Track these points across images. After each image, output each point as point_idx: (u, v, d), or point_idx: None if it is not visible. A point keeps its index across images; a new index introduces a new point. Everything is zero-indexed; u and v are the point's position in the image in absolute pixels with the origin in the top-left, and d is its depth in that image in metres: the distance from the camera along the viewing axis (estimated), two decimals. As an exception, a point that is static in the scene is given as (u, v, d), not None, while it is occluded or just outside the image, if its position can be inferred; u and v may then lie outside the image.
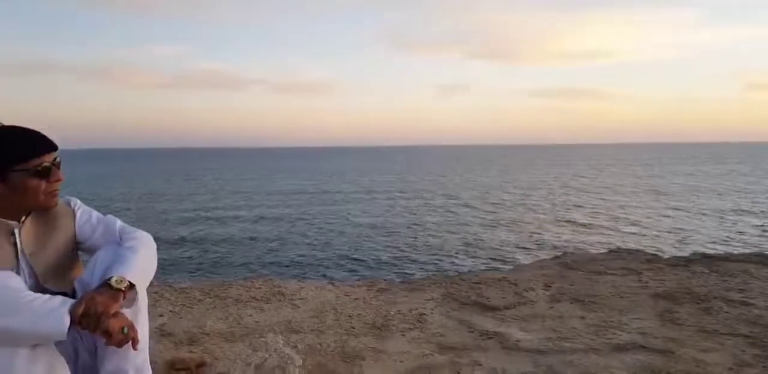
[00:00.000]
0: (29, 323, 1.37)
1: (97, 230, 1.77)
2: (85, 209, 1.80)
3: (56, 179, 1.61)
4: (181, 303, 3.06)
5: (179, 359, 2.20)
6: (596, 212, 23.47)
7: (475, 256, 15.15)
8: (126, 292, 1.53)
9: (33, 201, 1.59)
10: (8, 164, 1.53)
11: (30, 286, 1.51)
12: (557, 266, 3.66)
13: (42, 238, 1.68)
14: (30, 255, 1.63)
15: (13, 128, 1.58)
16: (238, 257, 15.54)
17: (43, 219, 1.69)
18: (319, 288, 3.46)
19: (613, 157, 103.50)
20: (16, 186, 1.54)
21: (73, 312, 1.41)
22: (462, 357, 2.36)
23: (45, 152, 1.58)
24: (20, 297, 1.39)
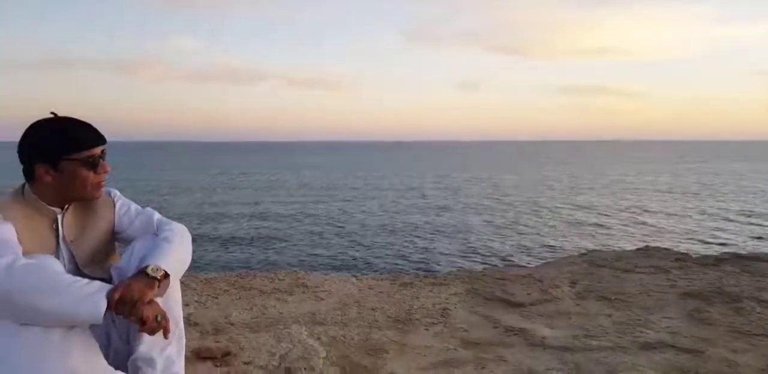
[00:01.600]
0: (68, 305, 1.40)
1: (135, 221, 1.81)
2: (125, 201, 1.85)
3: (104, 170, 1.67)
4: (207, 293, 3.08)
5: (205, 348, 2.22)
6: (621, 210, 23.16)
7: (499, 252, 15.05)
8: (161, 281, 1.56)
9: (80, 191, 1.64)
10: (61, 153, 1.58)
11: (69, 271, 1.55)
12: (584, 264, 3.62)
13: (83, 226, 1.72)
14: (71, 242, 1.68)
15: (66, 119, 1.64)
16: (261, 249, 15.68)
17: (84, 208, 1.74)
18: (342, 280, 3.47)
19: (634, 154, 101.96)
20: (66, 175, 1.60)
21: (109, 297, 1.45)
22: (487, 352, 2.34)
23: (95, 144, 1.64)
24: (61, 279, 1.43)
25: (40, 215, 1.65)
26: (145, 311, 1.48)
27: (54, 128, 1.61)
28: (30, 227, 1.60)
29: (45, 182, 1.61)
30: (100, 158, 1.65)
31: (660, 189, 32.34)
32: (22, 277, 1.40)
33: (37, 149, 1.60)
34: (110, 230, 1.80)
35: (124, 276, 1.60)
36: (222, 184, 38.26)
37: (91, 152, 1.62)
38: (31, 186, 1.64)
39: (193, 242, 1.85)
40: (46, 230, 1.65)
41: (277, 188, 35.01)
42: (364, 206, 25.26)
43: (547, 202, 26.42)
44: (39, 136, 1.61)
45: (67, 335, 1.46)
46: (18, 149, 1.61)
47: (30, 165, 1.61)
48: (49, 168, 1.59)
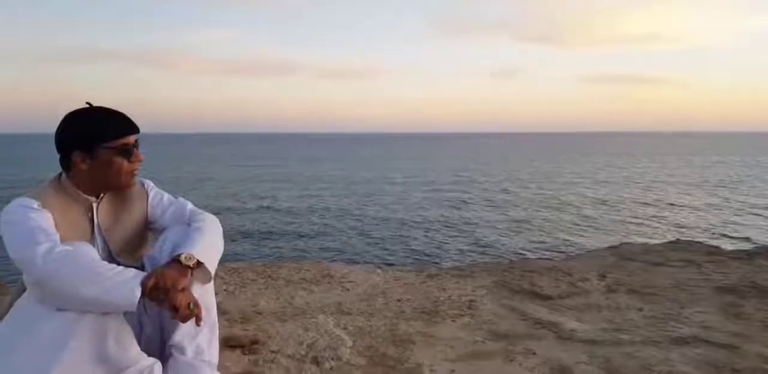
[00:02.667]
0: (103, 291, 1.43)
1: (168, 211, 1.84)
2: (158, 191, 1.87)
3: (137, 159, 1.70)
4: (235, 282, 3.11)
5: (234, 336, 2.24)
6: (652, 203, 22.78)
7: (526, 245, 14.93)
8: (193, 269, 1.58)
9: (115, 179, 1.67)
10: (97, 141, 1.61)
11: (103, 259, 1.57)
12: (613, 257, 3.56)
13: (117, 215, 1.75)
14: (106, 231, 1.71)
15: (101, 108, 1.67)
16: (287, 239, 15.81)
17: (119, 198, 1.76)
18: (368, 272, 3.47)
19: (671, 146, 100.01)
20: (102, 163, 1.63)
21: (144, 284, 1.47)
22: (515, 345, 2.31)
23: (129, 132, 1.67)
24: (97, 266, 1.47)
25: (77, 204, 1.67)
26: (177, 298, 1.50)
27: (90, 117, 1.64)
28: (67, 215, 1.63)
29: (81, 171, 1.64)
30: (134, 146, 1.68)
31: (693, 182, 31.74)
32: (59, 264, 1.43)
33: (73, 137, 1.63)
34: (143, 220, 1.83)
35: (157, 265, 1.62)
36: (249, 175, 38.60)
37: (125, 140, 1.65)
38: (68, 175, 1.68)
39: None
40: (82, 219, 1.68)
41: (301, 180, 35.19)
42: (389, 199, 25.26)
43: (575, 194, 26.12)
44: (75, 125, 1.64)
45: (102, 321, 1.49)
46: (55, 138, 1.64)
47: (66, 154, 1.64)
48: (85, 156, 1.62)
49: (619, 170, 41.80)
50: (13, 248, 1.48)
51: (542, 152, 76.34)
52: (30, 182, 29.56)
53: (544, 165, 48.60)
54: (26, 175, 35.53)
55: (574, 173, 38.79)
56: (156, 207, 1.84)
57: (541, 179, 34.31)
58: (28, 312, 1.49)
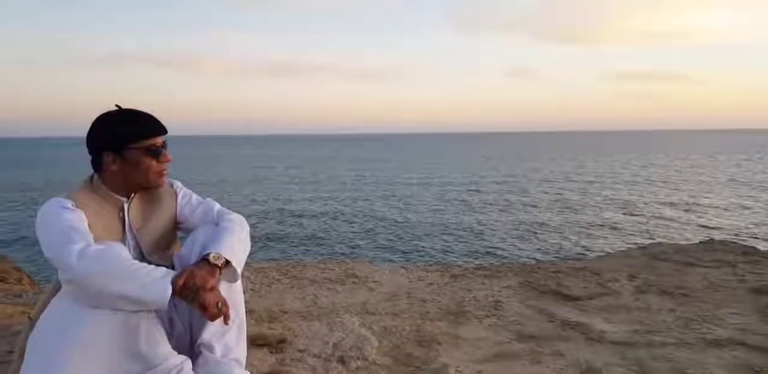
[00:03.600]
0: (135, 289, 1.45)
1: (196, 211, 1.86)
2: (186, 191, 1.90)
3: (165, 159, 1.72)
4: (260, 281, 3.12)
5: (261, 335, 2.24)
6: (679, 203, 22.38)
7: (553, 245, 14.77)
8: (222, 268, 1.60)
9: (144, 179, 1.70)
10: (126, 142, 1.65)
11: (134, 258, 1.59)
12: (643, 257, 3.48)
13: (147, 215, 1.78)
14: (136, 230, 1.74)
15: (130, 110, 1.70)
16: (311, 239, 15.89)
17: (148, 198, 1.79)
18: (392, 271, 3.45)
19: (698, 144, 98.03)
20: (131, 163, 1.66)
21: (174, 283, 1.49)
22: (542, 346, 2.28)
23: (157, 133, 1.70)
24: (129, 265, 1.49)
25: (108, 204, 1.70)
26: (207, 297, 1.52)
27: (119, 118, 1.68)
28: (99, 215, 1.66)
29: (111, 171, 1.68)
30: (162, 147, 1.71)
31: (720, 181, 31.08)
32: (93, 262, 1.45)
33: (103, 138, 1.67)
34: (173, 220, 1.85)
35: (186, 264, 1.64)
36: (270, 177, 38.90)
37: (153, 140, 1.68)
38: (100, 176, 1.71)
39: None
40: (113, 218, 1.71)
41: (322, 181, 35.34)
42: (410, 200, 25.23)
43: (599, 195, 25.77)
44: (105, 126, 1.67)
45: (134, 318, 1.51)
46: (86, 139, 1.68)
47: (97, 155, 1.68)
48: (116, 157, 1.66)
49: (643, 169, 41.18)
50: (49, 247, 1.51)
51: (562, 151, 75.52)
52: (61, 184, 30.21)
53: (565, 164, 48.10)
54: (56, 178, 36.34)
55: (595, 172, 38.30)
56: (185, 207, 1.87)
57: (561, 179, 33.95)
58: (63, 309, 1.51)
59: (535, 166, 46.02)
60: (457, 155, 68.92)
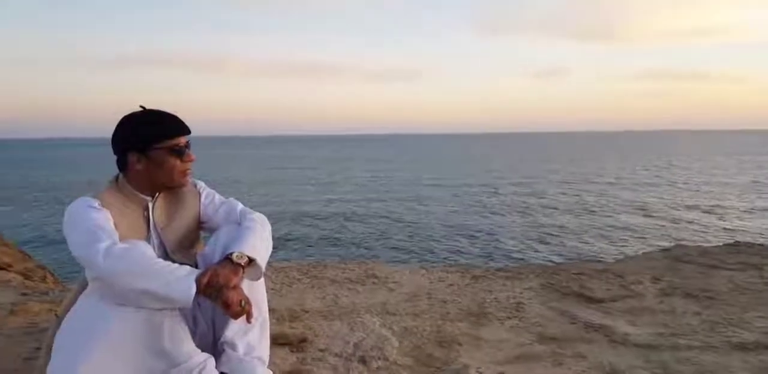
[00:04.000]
0: (160, 287, 1.47)
1: (220, 210, 1.88)
2: (210, 191, 1.92)
3: (189, 159, 1.75)
4: (281, 281, 3.14)
5: (282, 334, 2.26)
6: (704, 205, 22.02)
7: (574, 247, 14.63)
8: (245, 267, 1.61)
9: (168, 178, 1.73)
10: (150, 142, 1.67)
11: (159, 256, 1.61)
12: (666, 259, 3.43)
13: (171, 214, 1.80)
14: (161, 229, 1.77)
15: (154, 111, 1.73)
16: (328, 240, 15.95)
17: (173, 198, 1.82)
18: (412, 272, 3.45)
19: (729, 145, 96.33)
20: (155, 162, 1.69)
21: (198, 281, 1.51)
22: (564, 348, 2.26)
23: (181, 133, 1.72)
24: (153, 263, 1.51)
25: (133, 203, 1.73)
26: (230, 296, 1.54)
27: (143, 119, 1.70)
28: (124, 214, 1.68)
29: (136, 171, 1.70)
30: (186, 147, 1.73)
31: (744, 183, 30.52)
32: (118, 261, 1.48)
33: (128, 139, 1.69)
34: (196, 219, 1.87)
35: (210, 263, 1.66)
36: (290, 177, 39.09)
37: (176, 141, 1.70)
38: (125, 175, 1.74)
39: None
40: (138, 218, 1.73)
41: (343, 182, 35.42)
42: (432, 201, 25.17)
43: (622, 196, 25.48)
44: (130, 127, 1.70)
45: (158, 316, 1.53)
46: (111, 140, 1.71)
47: (122, 155, 1.70)
48: (140, 156, 1.68)
49: (664, 170, 40.61)
50: (76, 246, 1.54)
51: (582, 152, 74.77)
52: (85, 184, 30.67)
53: (586, 165, 47.62)
54: (82, 178, 36.91)
55: (616, 174, 37.85)
56: (208, 207, 1.89)
57: (581, 180, 33.62)
58: (89, 307, 1.54)
59: (555, 167, 45.64)
60: (477, 156, 68.62)
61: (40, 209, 23.45)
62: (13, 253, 8.45)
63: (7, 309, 2.66)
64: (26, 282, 3.35)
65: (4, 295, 2.93)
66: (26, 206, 24.27)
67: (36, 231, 17.96)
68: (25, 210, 23.09)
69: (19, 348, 2.22)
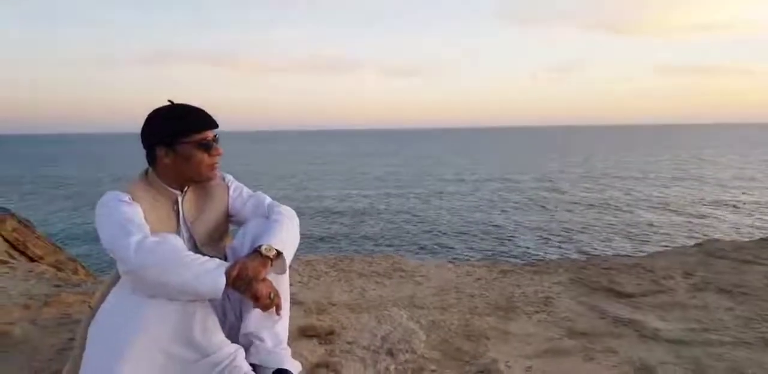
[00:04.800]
0: (190, 280, 1.49)
1: (248, 203, 1.90)
2: (238, 185, 1.94)
3: (216, 153, 1.76)
4: (308, 274, 3.16)
5: (311, 326, 2.27)
6: (732, 200, 21.57)
7: (604, 241, 14.45)
8: (273, 260, 1.63)
9: (196, 172, 1.74)
10: (177, 136, 1.69)
11: (188, 249, 1.63)
12: (699, 254, 3.37)
13: (200, 208, 1.82)
14: (190, 223, 1.79)
15: (182, 105, 1.74)
16: (355, 234, 16.01)
17: (201, 191, 1.84)
18: (439, 266, 3.44)
19: (755, 139, 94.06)
20: (183, 157, 1.70)
21: (227, 274, 1.53)
22: (594, 343, 2.23)
23: (208, 128, 1.73)
24: (184, 256, 1.53)
25: (163, 197, 1.75)
26: (259, 288, 1.56)
27: (171, 113, 1.71)
28: (154, 207, 1.70)
29: (164, 165, 1.72)
30: (213, 141, 1.74)
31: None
32: (149, 254, 1.49)
33: (156, 133, 1.71)
34: (225, 212, 1.89)
35: (239, 255, 1.68)
36: (314, 172, 39.25)
37: (203, 135, 1.71)
38: (154, 170, 1.75)
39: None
40: (168, 211, 1.75)
41: (366, 177, 35.45)
42: (456, 196, 25.08)
43: (647, 191, 25.08)
44: (157, 121, 1.71)
45: (189, 308, 1.55)
46: (140, 134, 1.72)
47: (151, 149, 1.72)
48: (168, 151, 1.69)
49: (688, 164, 39.82)
50: (107, 239, 1.56)
51: (605, 147, 73.63)
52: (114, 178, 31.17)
53: (609, 160, 46.90)
54: (105, 172, 37.57)
55: (640, 169, 37.22)
56: (236, 200, 1.91)
57: (605, 175, 33.14)
58: (122, 299, 1.56)
59: (578, 162, 45.09)
60: (497, 151, 68.09)
61: (71, 202, 23.96)
62: (45, 245, 8.65)
63: (41, 300, 2.72)
64: (59, 273, 3.42)
65: (37, 287, 3.00)
66: (59, 200, 24.82)
67: (66, 225, 18.37)
68: (56, 204, 23.62)
69: (53, 338, 2.27)
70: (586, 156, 52.46)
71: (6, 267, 3.44)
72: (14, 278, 3.17)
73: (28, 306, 2.64)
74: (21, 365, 2.03)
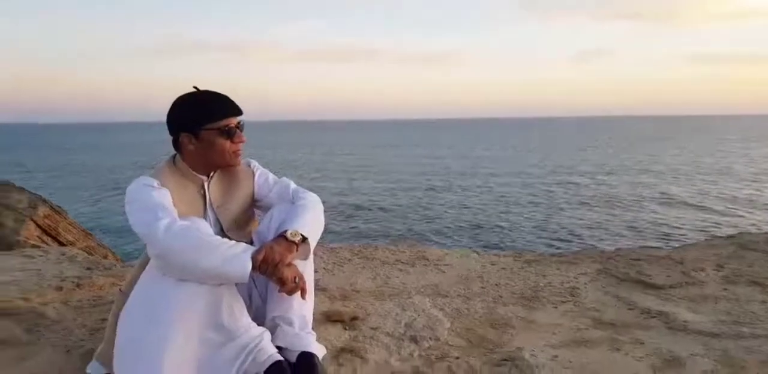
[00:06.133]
0: (218, 263, 1.51)
1: (273, 189, 1.91)
2: (263, 171, 1.95)
3: (240, 140, 1.76)
4: (333, 261, 3.18)
5: (335, 311, 2.28)
6: (761, 193, 21.05)
7: (633, 233, 14.25)
8: (299, 245, 1.63)
9: (220, 158, 1.75)
10: (200, 123, 1.70)
11: (215, 234, 1.65)
12: (731, 246, 3.29)
13: (227, 193, 1.84)
14: (217, 208, 1.81)
15: (206, 92, 1.75)
16: (381, 222, 16.06)
17: (227, 177, 1.85)
18: (463, 255, 3.42)
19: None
20: (206, 143, 1.71)
21: (254, 258, 1.54)
22: (621, 334, 2.20)
23: (231, 114, 1.74)
24: (211, 240, 1.55)
25: (190, 182, 1.77)
26: (285, 272, 1.57)
27: (194, 100, 1.72)
28: (181, 192, 1.72)
29: (189, 151, 1.74)
30: (237, 128, 1.74)
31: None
32: (178, 237, 1.51)
33: (179, 120, 1.73)
34: (251, 198, 1.91)
35: (264, 240, 1.69)
36: (334, 162, 39.37)
37: (226, 122, 1.72)
38: (180, 156, 1.77)
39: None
40: (195, 196, 1.77)
41: (386, 168, 35.43)
42: (478, 186, 24.94)
43: (681, 182, 24.61)
44: (182, 108, 1.73)
45: (217, 292, 1.57)
46: (166, 121, 1.74)
47: (176, 135, 1.73)
48: (192, 137, 1.71)
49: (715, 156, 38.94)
50: (137, 223, 1.58)
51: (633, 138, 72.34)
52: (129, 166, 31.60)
53: (638, 151, 46.09)
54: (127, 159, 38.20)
55: (669, 161, 36.48)
56: (262, 186, 1.92)
57: (632, 167, 32.57)
58: (152, 282, 1.59)
59: (606, 153, 44.42)
60: (524, 142, 67.41)
61: (102, 190, 24.43)
62: (76, 232, 8.84)
63: (73, 282, 2.78)
64: (90, 257, 3.49)
65: (70, 269, 3.07)
66: (86, 189, 25.32)
67: (96, 212, 18.74)
68: (84, 192, 24.10)
69: (85, 319, 2.32)
70: (618, 149, 51.63)
71: (40, 251, 3.52)
72: (47, 261, 3.24)
73: (61, 287, 2.70)
74: (54, 344, 2.08)
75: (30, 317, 2.30)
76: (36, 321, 2.27)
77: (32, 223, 8.07)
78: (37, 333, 2.17)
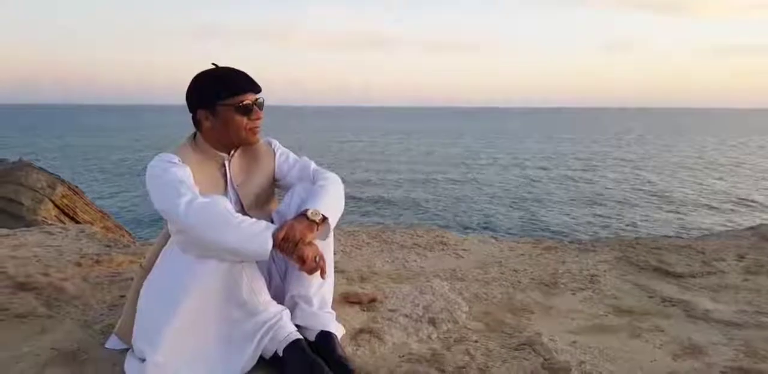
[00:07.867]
0: (238, 240, 1.50)
1: (294, 169, 1.90)
2: (284, 150, 1.93)
3: (257, 116, 1.74)
4: (351, 244, 3.17)
5: (354, 293, 2.28)
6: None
7: (654, 222, 14.13)
8: (319, 224, 1.62)
9: (237, 135, 1.73)
10: (216, 99, 1.68)
11: (236, 212, 1.63)
12: (753, 237, 3.25)
13: (247, 171, 1.83)
14: (237, 185, 1.80)
15: (224, 68, 1.73)
16: (399, 207, 16.05)
17: (248, 155, 1.84)
18: (482, 241, 3.41)
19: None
20: (222, 120, 1.70)
21: (275, 236, 1.52)
22: (641, 321, 2.18)
23: (248, 91, 1.71)
24: (232, 217, 1.53)
25: (210, 160, 1.76)
26: (305, 251, 1.55)
27: (211, 76, 1.70)
28: (202, 170, 1.71)
29: (207, 128, 1.72)
30: (255, 104, 1.71)
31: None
32: (199, 214, 1.50)
33: (196, 97, 1.71)
34: (271, 177, 1.89)
35: (285, 219, 1.67)
36: (356, 149, 39.34)
37: (242, 98, 1.69)
38: (200, 133, 1.75)
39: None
40: (216, 174, 1.76)
41: (412, 154, 35.35)
42: (499, 174, 24.83)
43: (705, 175, 24.30)
44: (199, 85, 1.71)
45: (238, 269, 1.57)
46: (185, 97, 1.72)
47: (194, 112, 1.72)
48: (209, 114, 1.70)
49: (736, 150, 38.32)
50: (158, 199, 1.58)
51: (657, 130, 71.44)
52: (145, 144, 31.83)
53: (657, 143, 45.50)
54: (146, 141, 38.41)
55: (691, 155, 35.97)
56: (283, 165, 1.90)
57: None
58: (173, 259, 1.59)
59: (627, 144, 43.95)
60: (550, 132, 66.81)
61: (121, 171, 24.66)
62: (93, 212, 8.93)
63: (92, 258, 2.80)
64: (109, 234, 3.52)
65: (89, 246, 3.10)
66: (108, 169, 25.56)
67: (115, 193, 18.92)
68: (106, 173, 24.33)
69: (104, 295, 2.34)
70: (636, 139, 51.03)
71: (59, 228, 3.55)
72: (67, 238, 3.27)
73: (80, 263, 2.72)
74: (74, 318, 2.10)
75: (49, 292, 2.33)
76: (55, 296, 2.29)
77: (50, 203, 8.16)
78: (56, 308, 2.19)
